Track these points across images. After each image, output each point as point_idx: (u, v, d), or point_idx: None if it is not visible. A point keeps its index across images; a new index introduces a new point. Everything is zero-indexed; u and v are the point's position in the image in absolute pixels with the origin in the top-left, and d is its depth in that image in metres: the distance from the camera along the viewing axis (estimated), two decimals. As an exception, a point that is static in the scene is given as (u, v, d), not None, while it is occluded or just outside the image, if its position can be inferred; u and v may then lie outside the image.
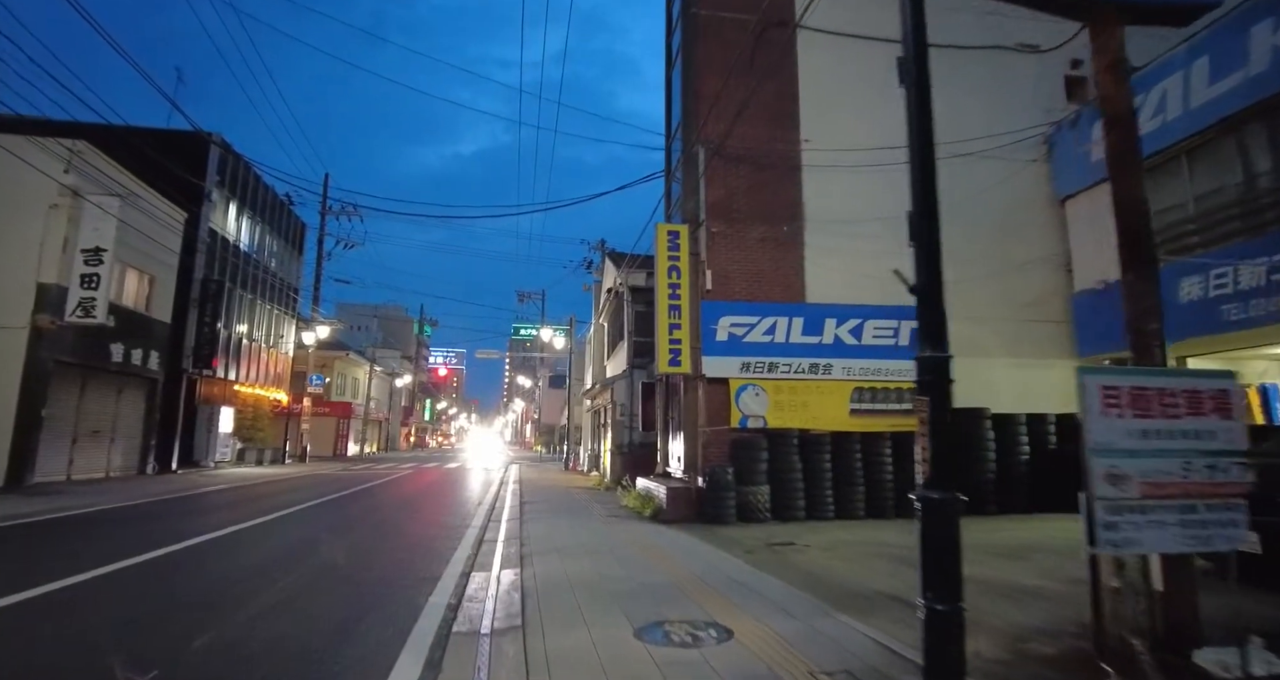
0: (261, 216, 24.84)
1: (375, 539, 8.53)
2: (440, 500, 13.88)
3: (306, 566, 6.70)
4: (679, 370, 11.16)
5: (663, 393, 13.56)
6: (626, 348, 19.31)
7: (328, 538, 8.65)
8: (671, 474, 12.76)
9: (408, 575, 6.22)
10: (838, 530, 9.75)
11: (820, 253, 12.20)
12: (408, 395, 58.83)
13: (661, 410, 13.48)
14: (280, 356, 27.49)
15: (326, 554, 7.44)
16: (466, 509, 12.05)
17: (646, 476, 13.43)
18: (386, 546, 7.92)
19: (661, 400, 13.49)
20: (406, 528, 9.61)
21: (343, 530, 9.28)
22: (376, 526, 9.74)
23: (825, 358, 11.66)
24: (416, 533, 9.13)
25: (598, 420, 24.43)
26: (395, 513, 11.52)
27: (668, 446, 13.01)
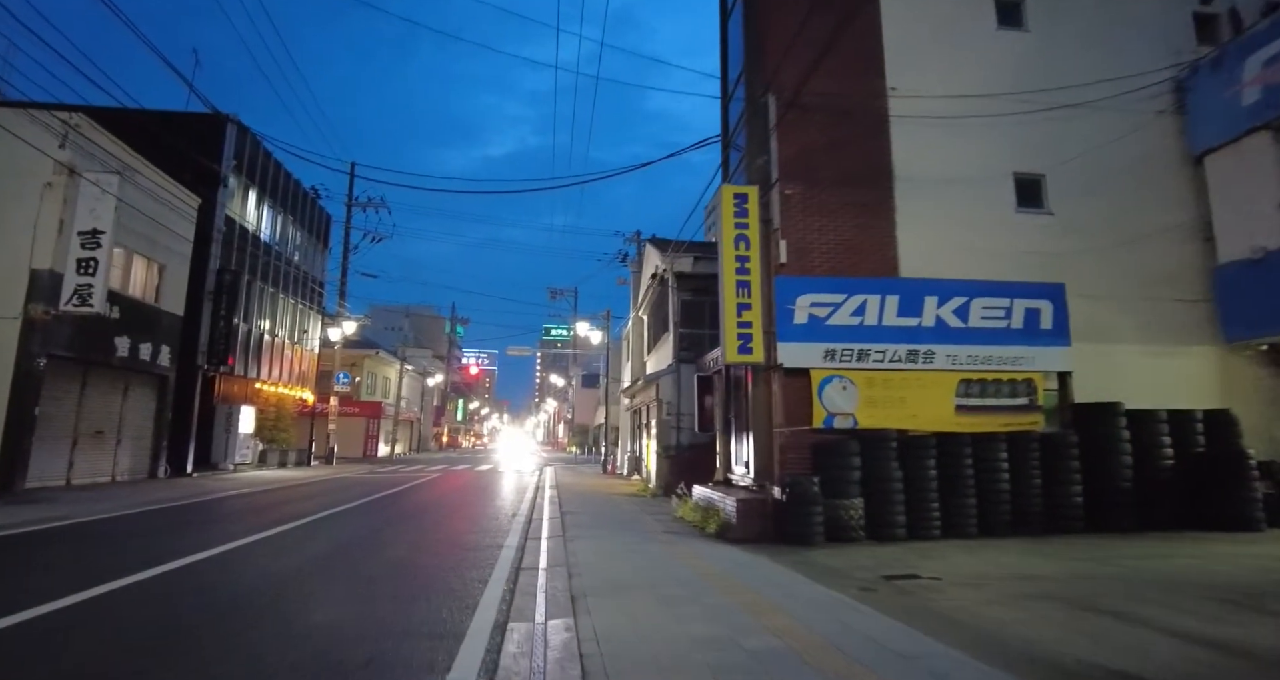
0: (283, 206, 23.66)
1: (387, 568, 6.87)
2: (469, 510, 12.25)
3: (282, 613, 5.04)
4: (749, 359, 9.32)
5: (723, 387, 11.74)
6: (672, 340, 17.51)
7: (329, 562, 7.02)
8: (735, 482, 10.92)
9: (420, 630, 4.52)
10: (956, 554, 7.81)
11: (914, 219, 10.27)
12: (439, 395, 57.90)
13: (722, 407, 11.67)
14: (305, 354, 26.33)
15: (319, 589, 5.80)
16: (499, 522, 10.38)
17: (703, 484, 11.65)
18: (399, 581, 6.23)
19: (722, 396, 11.68)
20: (427, 549, 7.93)
21: (347, 554, 7.64)
22: (391, 546, 8.09)
23: (925, 343, 9.72)
24: (439, 556, 7.46)
25: (638, 420, 22.67)
26: (416, 528, 9.88)
27: (731, 450, 11.18)
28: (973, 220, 10.56)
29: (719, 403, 11.81)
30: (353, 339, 39.46)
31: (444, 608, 5.07)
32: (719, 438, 11.85)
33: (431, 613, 4.93)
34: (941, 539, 8.94)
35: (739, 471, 10.74)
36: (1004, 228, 10.71)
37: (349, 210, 29.03)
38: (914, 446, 9.28)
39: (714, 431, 12.09)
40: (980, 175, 10.77)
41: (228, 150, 19.22)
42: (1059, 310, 10.18)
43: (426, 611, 4.97)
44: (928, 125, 10.48)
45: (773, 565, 7.01)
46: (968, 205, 10.58)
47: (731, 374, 11.38)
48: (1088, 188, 11.02)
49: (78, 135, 12.93)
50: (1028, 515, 9.34)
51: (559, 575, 6.13)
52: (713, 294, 18.50)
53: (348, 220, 28.96)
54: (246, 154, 20.55)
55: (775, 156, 10.00)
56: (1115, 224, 10.93)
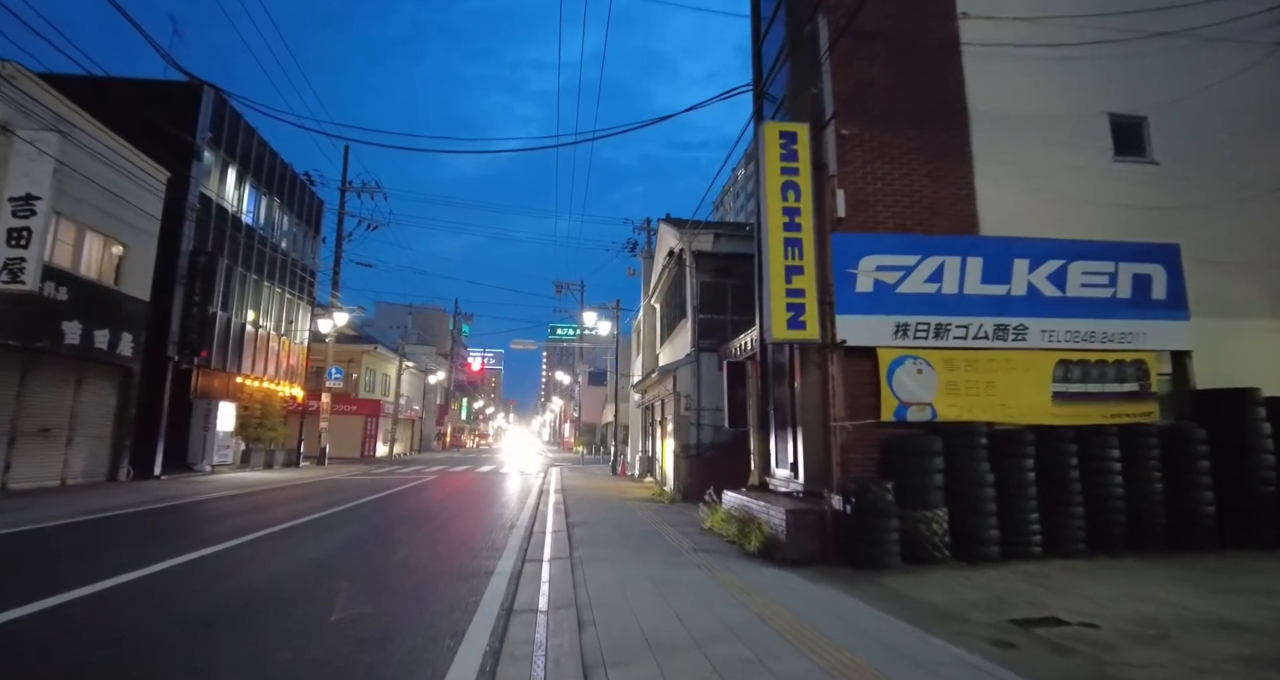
0: (268, 187, 21.97)
1: (334, 610, 5.10)
2: (461, 521, 10.48)
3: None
4: (802, 335, 7.51)
5: (758, 375, 9.93)
6: (690, 327, 15.72)
7: (249, 606, 5.26)
8: (776, 488, 9.13)
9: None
10: (1084, 582, 6.00)
11: (993, 168, 8.45)
12: (442, 393, 56.25)
13: (758, 399, 9.86)
14: (294, 347, 24.66)
15: (229, 649, 4.04)
16: (494, 537, 8.60)
17: (733, 489, 9.88)
18: (335, 641, 4.45)
19: (757, 386, 9.87)
20: (393, 583, 6.15)
21: (282, 590, 5.88)
22: (352, 576, 6.32)
23: (1016, 315, 7.90)
24: (407, 593, 5.68)
25: (650, 417, 20.89)
26: (390, 547, 8.11)
27: (771, 449, 9.38)
28: (1062, 170, 8.72)
29: (753, 394, 10.01)
30: (350, 334, 37.89)
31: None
32: (754, 435, 10.04)
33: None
34: (1044, 558, 7.14)
35: (781, 475, 8.93)
36: (1099, 179, 8.86)
37: (342, 194, 27.40)
38: (1005, 443, 7.45)
39: (746, 428, 10.29)
40: (1070, 117, 8.94)
41: (203, 121, 17.53)
42: (1173, 276, 8.35)
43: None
44: (1006, 57, 8.67)
45: (854, 603, 5.21)
46: (1055, 152, 8.74)
47: (771, 359, 9.58)
48: (1198, 132, 9.17)
49: (12, 88, 11.24)
50: (1147, 527, 7.51)
51: (565, 625, 4.35)
52: (735, 276, 16.78)
53: (341, 205, 27.34)
54: (226, 128, 18.87)
55: (829, 90, 8.19)
56: (1234, 175, 9.08)
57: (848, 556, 6.92)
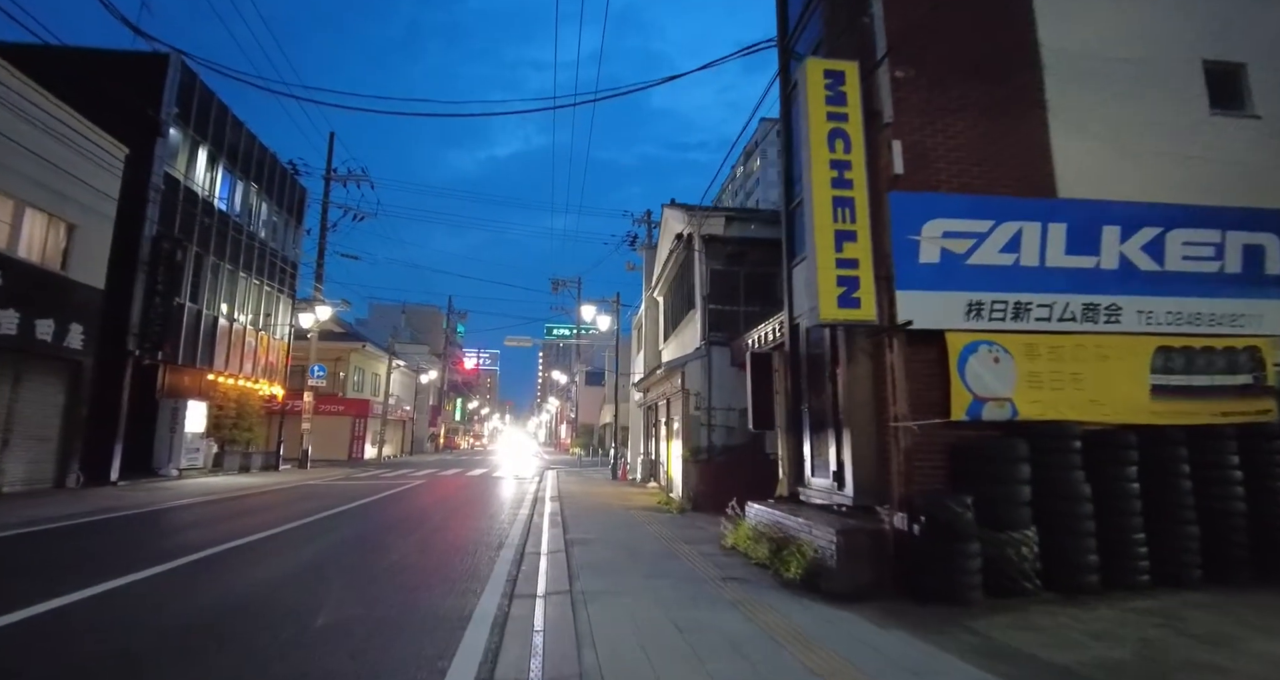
0: (245, 172, 20.54)
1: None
2: (441, 536, 9.08)
3: None
4: (855, 316, 6.14)
5: (787, 368, 8.55)
6: (699, 318, 14.38)
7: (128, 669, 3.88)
8: (809, 500, 7.76)
9: None
10: (1229, 627, 4.65)
11: (1070, 119, 7.11)
12: (436, 394, 54.76)
13: (789, 396, 8.48)
14: (274, 343, 23.21)
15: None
16: (476, 559, 7.20)
17: (754, 499, 8.56)
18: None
19: (788, 380, 8.49)
20: (344, 633, 4.76)
21: (192, 643, 4.49)
22: (281, 622, 4.93)
23: (1107, 293, 6.55)
24: (354, 651, 4.29)
25: (652, 418, 19.52)
26: (346, 574, 6.71)
27: (805, 454, 8.00)
28: (1148, 123, 7.37)
29: (781, 390, 8.63)
30: (337, 331, 36.43)
31: None
32: (783, 439, 8.67)
33: None
34: (1154, 589, 5.80)
35: (820, 485, 7.56)
36: (1191, 135, 7.52)
37: (327, 183, 26.00)
38: (1102, 448, 6.11)
39: (772, 429, 8.92)
40: (1157, 63, 7.59)
41: (168, 95, 16.10)
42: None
43: None
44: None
45: (954, 662, 3.85)
46: (1140, 103, 7.40)
47: (804, 349, 8.22)
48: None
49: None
50: (1272, 550, 6.17)
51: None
52: (748, 263, 15.40)
53: (326, 193, 25.93)
54: (196, 105, 17.43)
55: (880, 23, 6.84)
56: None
57: (911, 587, 5.57)
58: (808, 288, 6.52)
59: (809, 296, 6.43)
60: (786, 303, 8.73)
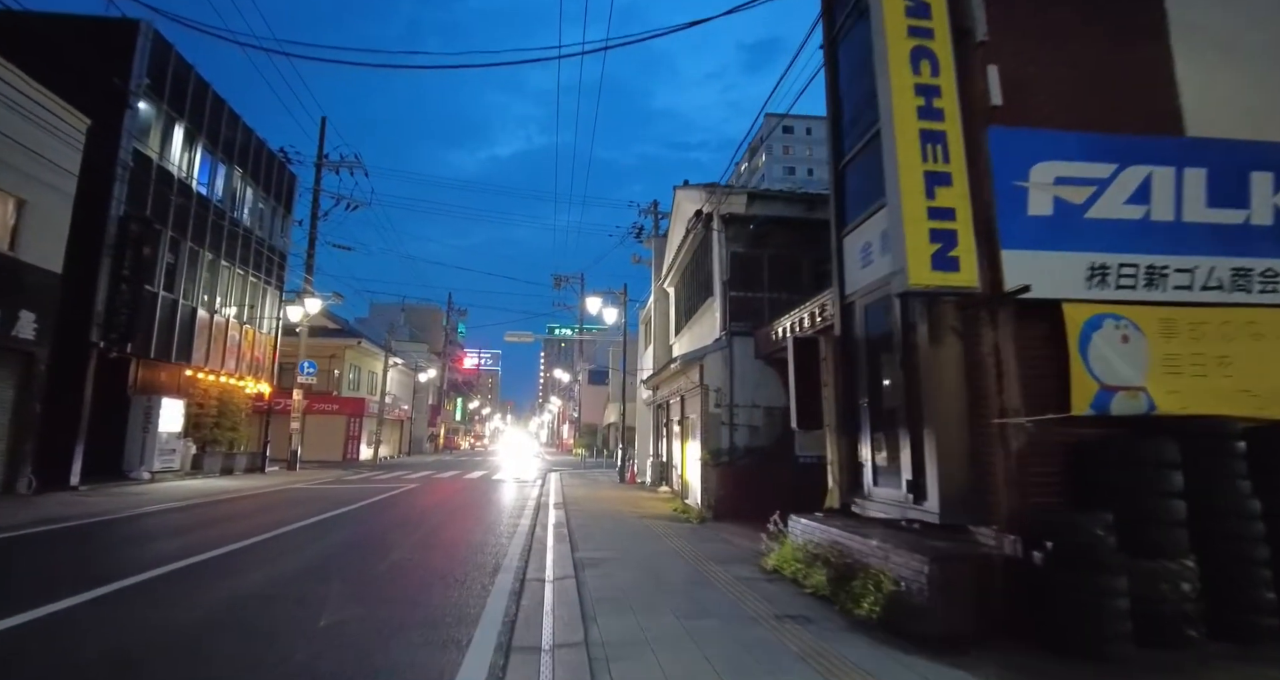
0: (229, 155, 19.23)
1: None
2: (427, 556, 7.74)
3: None
4: (954, 280, 4.78)
5: (839, 353, 7.20)
6: (718, 306, 13.04)
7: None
8: (868, 512, 6.42)
9: None
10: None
11: (1197, 41, 5.74)
12: (435, 393, 53.45)
13: (838, 388, 7.13)
14: (261, 338, 21.90)
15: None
16: (466, 593, 5.85)
17: (788, 508, 7.29)
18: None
19: (839, 368, 7.14)
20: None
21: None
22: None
23: (1263, 256, 5.21)
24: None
25: (662, 417, 18.20)
26: (313, 607, 5.38)
27: (866, 458, 6.66)
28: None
29: (832, 381, 7.27)
30: (332, 327, 35.16)
31: None
32: (833, 439, 7.31)
33: None
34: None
35: (886, 495, 6.22)
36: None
37: (318, 170, 24.66)
38: (1264, 451, 4.77)
39: (819, 429, 7.57)
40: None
41: (139, 65, 14.79)
42: None
43: None
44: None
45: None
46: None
47: (860, 332, 6.88)
48: None
49: None
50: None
51: None
52: (772, 245, 13.93)
53: (317, 180, 24.59)
54: (171, 78, 16.12)
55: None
56: None
57: (1043, 635, 4.24)
58: (890, 247, 5.19)
59: (894, 259, 5.07)
60: (836, 278, 7.41)
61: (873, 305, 6.64)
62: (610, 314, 20.86)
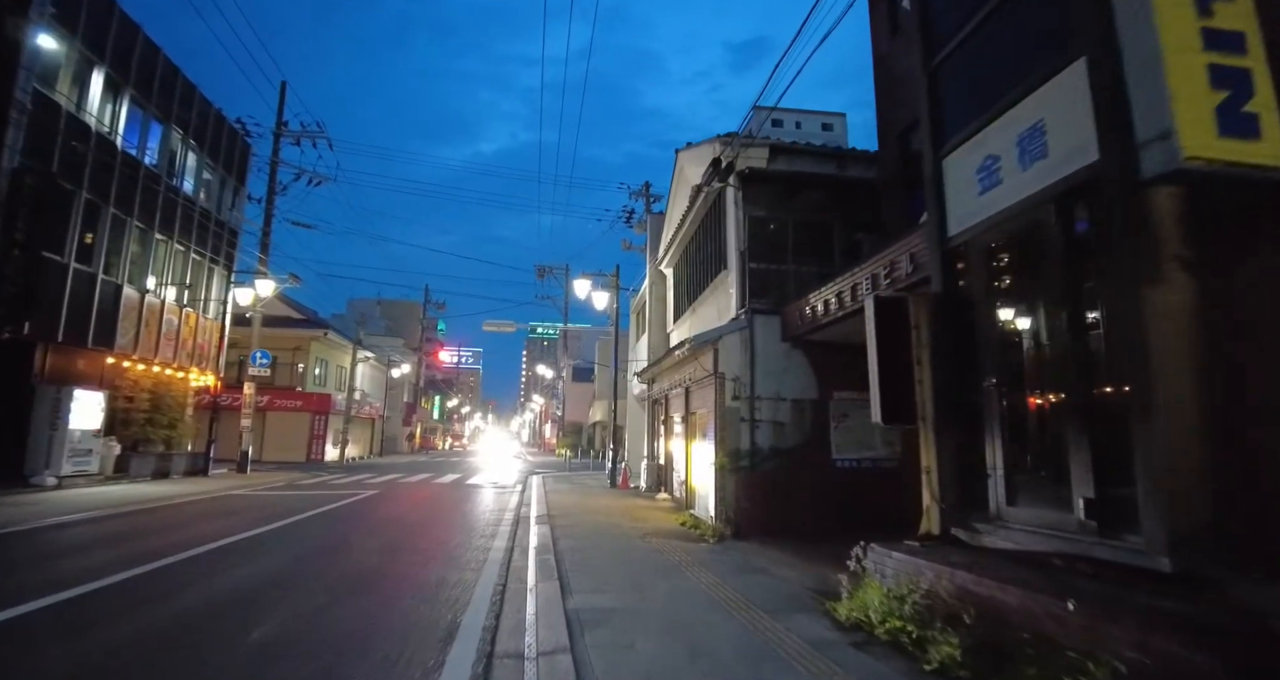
0: (167, 113, 16.78)
1: None
2: (339, 620, 5.53)
3: None
4: (1255, 156, 2.72)
5: (937, 318, 5.12)
6: (735, 280, 10.96)
7: None
8: (991, 544, 4.35)
9: None
10: None
11: None
12: (411, 390, 50.84)
13: (938, 365, 5.06)
14: (206, 324, 19.43)
15: None
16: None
17: (886, 542, 5.23)
18: None
19: (939, 339, 5.07)
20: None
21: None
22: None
23: None
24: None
25: (660, 413, 16.10)
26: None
27: (994, 465, 4.58)
28: None
29: (931, 356, 5.21)
30: (298, 317, 32.58)
31: None
32: (931, 438, 5.23)
33: None
34: None
35: (1034, 519, 4.15)
36: None
37: (277, 139, 22.28)
38: None
39: (910, 423, 5.47)
40: None
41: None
42: None
43: None
44: None
45: None
46: None
47: (977, 285, 4.82)
48: None
49: None
50: None
51: None
52: (798, 209, 11.54)
53: (275, 151, 22.22)
54: (87, 12, 13.68)
55: None
56: None
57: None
58: (1152, 94, 3.10)
59: (1146, 117, 2.99)
60: (934, 215, 5.34)
61: (1006, 243, 4.59)
62: (601, 298, 18.71)
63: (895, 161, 9.85)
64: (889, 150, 10.10)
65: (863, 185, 10.82)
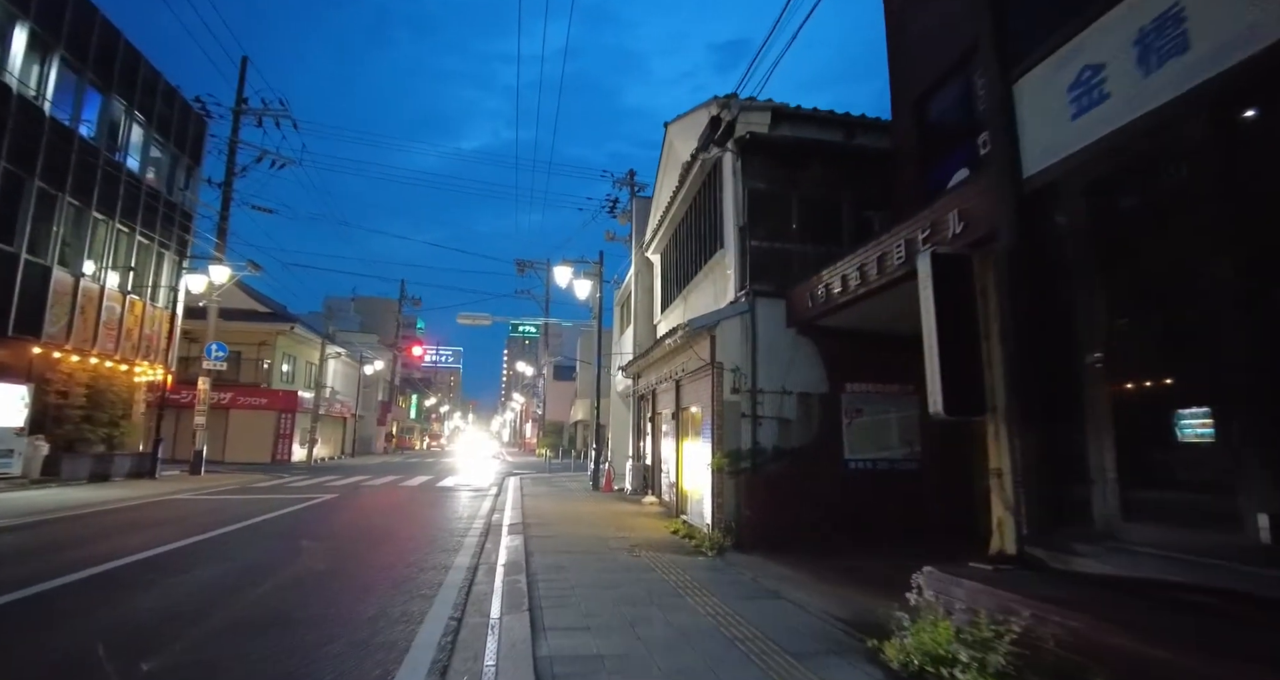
0: (107, 80, 15.30)
1: None
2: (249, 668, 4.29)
3: None
4: None
5: (1010, 281, 4.03)
6: (734, 261, 9.83)
7: None
8: (1077, 565, 3.25)
9: None
10: None
11: None
12: (386, 388, 49.18)
13: (1012, 340, 3.97)
14: (154, 313, 17.92)
15: None
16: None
17: (945, 565, 4.22)
18: None
19: (1013, 307, 3.98)
20: None
21: None
22: None
23: None
24: None
25: (647, 409, 14.96)
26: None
27: (1103, 469, 3.49)
28: None
29: (993, 333, 4.11)
30: (264, 311, 30.94)
31: None
32: (1004, 432, 4.12)
33: None
34: None
35: (1168, 541, 3.04)
36: None
37: (236, 117, 20.76)
38: None
39: (980, 415, 4.36)
40: None
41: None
42: None
43: None
44: None
45: None
46: None
47: (1074, 235, 3.72)
48: None
49: None
50: None
51: None
52: (805, 184, 10.22)
53: (235, 130, 20.69)
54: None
55: None
56: None
57: None
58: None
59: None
60: (1001, 154, 4.26)
61: (1115, 176, 3.51)
62: (582, 287, 17.51)
63: (912, 129, 8.78)
64: (904, 117, 9.03)
65: (873, 159, 9.74)
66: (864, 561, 6.99)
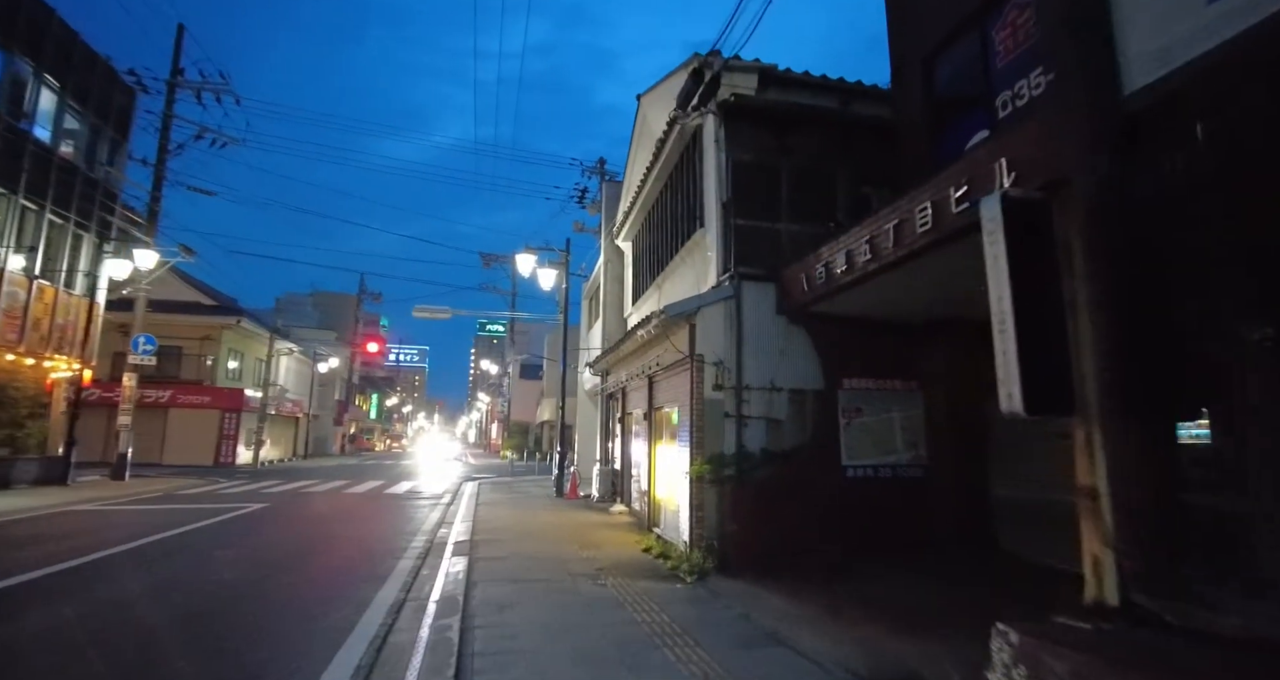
0: (8, 38, 13.55)
1: None
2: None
3: None
4: None
5: (1109, 239, 2.95)
6: (715, 241, 8.65)
7: None
8: (1217, 625, 2.13)
9: None
10: None
11: None
12: (344, 387, 47.05)
13: (1113, 314, 2.90)
14: (70, 302, 16.10)
15: None
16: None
17: (1035, 627, 3.70)
18: None
19: (1114, 271, 2.90)
20: None
21: None
22: None
23: None
24: None
25: (616, 409, 13.74)
26: None
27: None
28: None
29: (1085, 303, 3.04)
30: (208, 303, 28.91)
31: None
32: (1101, 436, 3.00)
33: None
34: None
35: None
36: None
37: (170, 89, 18.99)
38: None
39: (1067, 414, 3.26)
40: None
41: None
42: None
43: None
44: None
45: None
46: None
47: (1214, 166, 2.61)
48: None
49: None
50: None
51: None
52: (797, 154, 8.41)
53: (169, 104, 18.92)
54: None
55: None
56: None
57: None
58: None
59: None
60: (1082, 67, 3.16)
61: None
62: (547, 277, 16.22)
63: (919, 93, 7.75)
64: (909, 80, 8.00)
65: (871, 129, 8.70)
66: (877, 586, 5.91)
